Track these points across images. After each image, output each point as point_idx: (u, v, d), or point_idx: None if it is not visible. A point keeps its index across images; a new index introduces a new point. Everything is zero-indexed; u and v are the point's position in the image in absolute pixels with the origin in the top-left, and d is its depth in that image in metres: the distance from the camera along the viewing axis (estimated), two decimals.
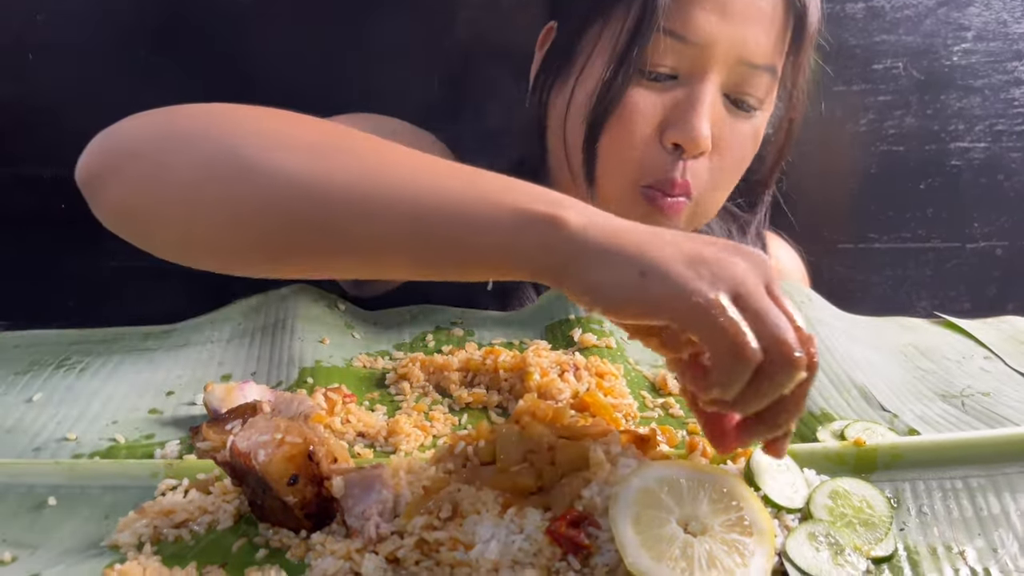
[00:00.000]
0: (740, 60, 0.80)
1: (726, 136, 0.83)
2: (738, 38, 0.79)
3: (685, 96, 0.80)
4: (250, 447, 0.52)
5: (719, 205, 0.90)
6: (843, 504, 0.54)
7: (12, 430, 0.67)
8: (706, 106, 0.79)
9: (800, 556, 0.50)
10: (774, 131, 0.93)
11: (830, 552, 0.51)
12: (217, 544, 0.52)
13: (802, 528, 0.52)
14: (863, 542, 0.52)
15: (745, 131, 0.84)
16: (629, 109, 0.81)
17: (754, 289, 0.49)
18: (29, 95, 1.03)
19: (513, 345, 0.81)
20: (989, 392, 0.72)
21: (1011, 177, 1.24)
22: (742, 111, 0.83)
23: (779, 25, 0.81)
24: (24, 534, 0.54)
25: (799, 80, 0.87)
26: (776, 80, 0.84)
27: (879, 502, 0.55)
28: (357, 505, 0.53)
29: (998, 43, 1.18)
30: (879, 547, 0.52)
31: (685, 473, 0.52)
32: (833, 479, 0.56)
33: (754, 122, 0.85)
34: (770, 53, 0.81)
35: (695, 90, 0.80)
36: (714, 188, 0.86)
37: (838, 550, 0.51)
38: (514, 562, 0.49)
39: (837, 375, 0.73)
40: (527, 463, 0.56)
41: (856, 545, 0.51)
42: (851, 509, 0.54)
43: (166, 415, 0.70)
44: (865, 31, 1.17)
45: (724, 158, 0.84)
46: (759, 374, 0.47)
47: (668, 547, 0.48)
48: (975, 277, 1.28)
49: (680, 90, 0.81)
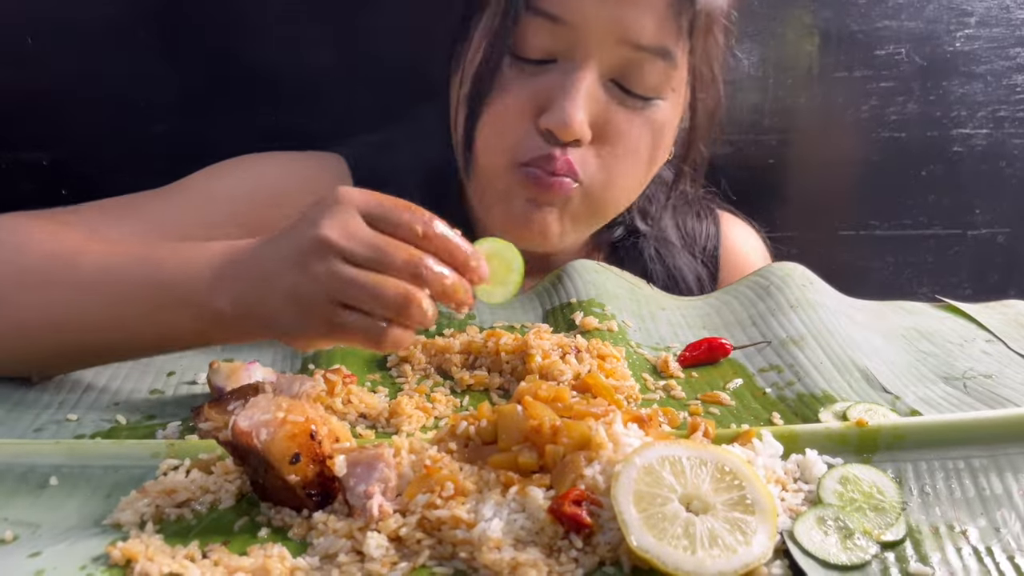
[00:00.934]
0: (621, 41, 0.76)
1: (614, 125, 0.80)
2: (615, 18, 0.75)
3: (560, 81, 0.77)
4: (252, 426, 0.52)
5: (626, 198, 0.87)
6: (853, 489, 0.54)
7: (13, 410, 0.67)
8: (580, 92, 0.76)
9: (808, 540, 0.50)
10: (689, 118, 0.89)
11: (839, 536, 0.50)
12: (219, 523, 0.52)
13: (811, 512, 0.52)
14: (873, 526, 0.51)
15: (638, 121, 0.80)
16: (502, 92, 0.79)
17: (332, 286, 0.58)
18: (29, 80, 1.03)
19: (515, 328, 0.81)
20: (991, 374, 0.72)
21: (1013, 164, 1.24)
22: (635, 99, 0.80)
23: (664, 4, 0.77)
24: (26, 513, 0.54)
25: (700, 64, 0.83)
26: (675, 66, 0.80)
27: (889, 488, 0.54)
28: (359, 484, 0.53)
29: (1001, 29, 1.18)
30: (889, 532, 0.51)
31: (687, 452, 0.52)
32: (843, 465, 0.56)
33: (652, 112, 0.81)
34: (656, 35, 0.77)
35: (570, 75, 0.77)
36: (609, 179, 0.82)
37: (847, 534, 0.51)
38: (516, 540, 0.49)
39: (839, 357, 0.73)
40: (528, 442, 0.56)
41: (866, 529, 0.51)
42: (861, 494, 0.53)
43: (167, 395, 0.70)
44: (867, 17, 1.16)
45: (615, 148, 0.80)
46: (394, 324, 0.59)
47: (671, 525, 0.48)
48: (976, 264, 1.28)
49: (556, 74, 0.78)
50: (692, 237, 1.02)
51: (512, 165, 0.81)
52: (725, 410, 0.67)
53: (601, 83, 0.78)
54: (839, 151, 1.23)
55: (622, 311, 0.83)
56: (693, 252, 1.01)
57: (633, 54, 0.77)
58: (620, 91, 0.79)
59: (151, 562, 0.47)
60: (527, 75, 0.79)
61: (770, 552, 0.48)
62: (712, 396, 0.69)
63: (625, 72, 0.78)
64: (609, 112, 0.79)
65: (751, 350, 0.77)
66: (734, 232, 1.07)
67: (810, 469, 0.56)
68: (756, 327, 0.80)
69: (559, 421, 0.56)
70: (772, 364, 0.74)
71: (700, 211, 1.04)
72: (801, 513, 0.52)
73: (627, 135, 0.80)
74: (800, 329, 0.77)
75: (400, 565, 0.48)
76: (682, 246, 1.01)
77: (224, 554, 0.49)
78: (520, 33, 0.77)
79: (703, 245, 1.02)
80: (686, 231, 1.02)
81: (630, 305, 0.85)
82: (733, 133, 1.15)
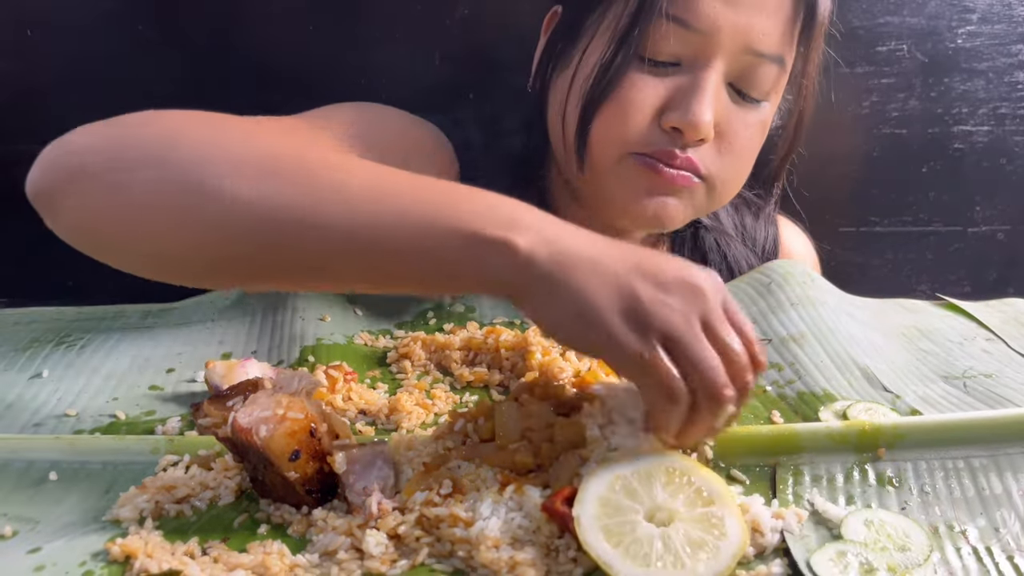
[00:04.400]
0: (746, 49, 0.78)
1: (732, 126, 0.82)
2: (743, 26, 0.77)
3: (687, 82, 0.79)
4: (252, 423, 0.52)
5: (732, 195, 0.89)
6: (878, 532, 0.52)
7: (13, 406, 0.67)
8: (709, 93, 0.78)
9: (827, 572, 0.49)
10: (783, 122, 0.91)
11: (860, 571, 0.49)
12: (218, 519, 0.52)
13: (830, 546, 0.51)
14: (898, 564, 0.49)
15: (751, 122, 0.83)
16: (626, 91, 0.79)
17: (686, 331, 0.52)
18: (28, 72, 1.03)
19: (515, 324, 0.80)
20: (991, 373, 0.72)
21: (1014, 161, 1.24)
22: (748, 102, 0.82)
23: (787, 14, 0.79)
24: (25, 508, 0.54)
25: (809, 71, 0.86)
26: (785, 72, 0.83)
27: (918, 534, 0.52)
28: (358, 481, 0.53)
29: (1003, 26, 1.18)
30: (917, 571, 0.49)
31: (630, 468, 0.51)
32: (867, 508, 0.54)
33: (761, 113, 0.84)
34: (778, 43, 0.80)
35: (698, 77, 0.78)
36: (726, 176, 0.84)
37: (868, 569, 0.49)
38: (513, 539, 0.49)
39: (839, 356, 0.73)
40: (525, 440, 0.56)
41: (891, 565, 0.49)
42: (887, 537, 0.52)
43: (167, 392, 0.70)
44: (869, 12, 1.16)
45: (732, 147, 0.83)
46: (692, 409, 0.53)
47: (650, 548, 0.47)
48: (976, 261, 1.28)
49: (682, 77, 0.79)
50: (752, 236, 1.04)
51: (626, 154, 0.81)
52: None
53: (724, 86, 0.81)
54: (840, 147, 1.23)
55: None
56: (754, 251, 1.04)
57: (754, 60, 0.80)
58: (736, 93, 0.82)
59: (150, 558, 0.47)
60: (653, 75, 0.80)
61: (746, 533, 0.49)
62: None
63: (743, 76, 0.81)
64: (727, 113, 0.81)
65: None
66: (791, 236, 1.09)
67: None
68: (757, 324, 0.80)
69: (555, 419, 0.56)
70: (772, 362, 0.74)
71: (758, 212, 1.06)
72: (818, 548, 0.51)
73: (743, 135, 0.83)
74: (801, 327, 0.77)
75: (399, 563, 0.48)
76: (740, 241, 1.03)
77: (223, 551, 0.49)
78: (650, 38, 0.78)
79: (762, 245, 1.04)
80: (745, 228, 1.05)
81: None
82: None
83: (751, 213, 1.05)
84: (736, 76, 0.81)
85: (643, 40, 0.78)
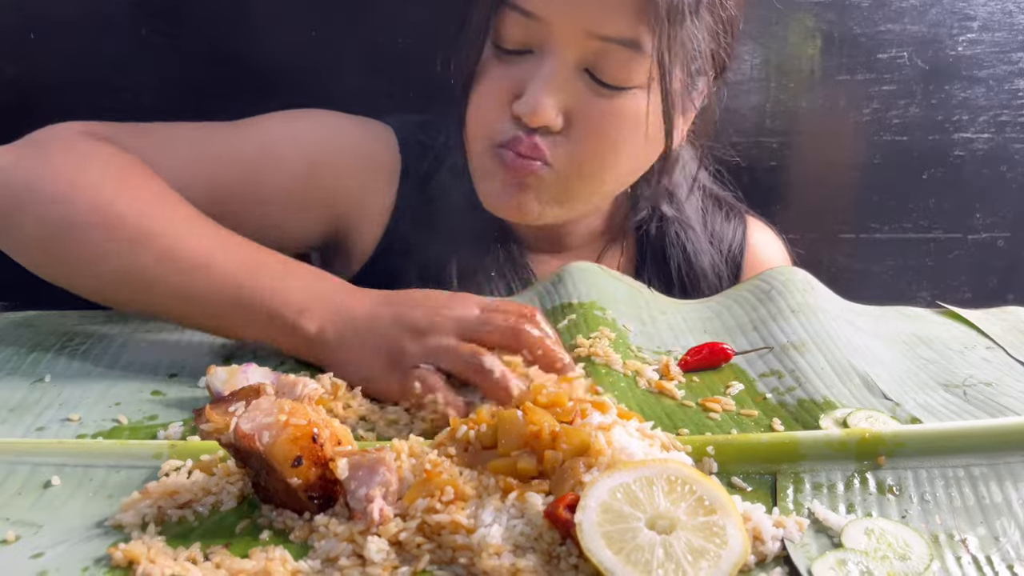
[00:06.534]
0: (589, 34, 0.80)
1: (586, 113, 0.83)
2: (580, 12, 0.79)
3: (532, 70, 0.82)
4: (254, 428, 0.52)
5: (601, 181, 0.89)
6: (879, 540, 0.52)
7: (15, 410, 0.67)
8: (547, 80, 0.80)
9: None
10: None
11: None
12: (221, 525, 0.53)
13: (831, 555, 0.51)
14: (899, 572, 0.50)
15: (610, 110, 0.83)
16: (482, 80, 0.85)
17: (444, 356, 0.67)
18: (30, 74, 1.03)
19: None
20: (991, 382, 0.72)
21: (1014, 168, 1.24)
22: (608, 89, 0.82)
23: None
24: (28, 513, 0.54)
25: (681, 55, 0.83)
26: (645, 56, 0.81)
27: (918, 542, 0.52)
28: (360, 488, 0.53)
29: (1003, 33, 1.18)
30: None
31: (632, 476, 0.52)
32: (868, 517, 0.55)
33: (624, 101, 0.83)
34: (625, 26, 0.79)
35: (541, 65, 0.81)
36: (579, 167, 0.85)
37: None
38: (515, 546, 0.49)
39: (840, 363, 0.73)
40: (528, 448, 0.56)
41: (891, 574, 0.49)
42: (887, 545, 0.52)
43: (169, 396, 0.70)
44: (870, 20, 1.16)
45: (587, 135, 0.83)
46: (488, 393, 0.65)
47: (651, 557, 0.47)
48: (976, 268, 1.28)
49: (529, 64, 0.82)
50: (719, 237, 1.06)
51: (490, 146, 0.86)
52: (725, 415, 0.67)
53: (575, 73, 0.82)
54: (840, 154, 1.23)
55: (623, 314, 0.83)
56: (720, 250, 1.05)
57: (601, 45, 0.81)
58: (593, 81, 0.83)
59: (153, 564, 0.47)
60: (505, 64, 0.84)
61: (748, 542, 0.48)
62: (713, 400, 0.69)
63: (595, 62, 0.82)
64: (580, 100, 0.83)
65: (751, 355, 0.77)
66: (759, 237, 1.09)
67: None
68: (757, 332, 0.80)
69: (559, 427, 0.56)
70: (773, 369, 0.74)
71: (729, 212, 1.07)
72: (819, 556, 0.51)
73: (600, 122, 0.84)
74: (801, 334, 0.77)
75: (401, 569, 0.48)
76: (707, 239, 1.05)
77: (226, 556, 0.49)
78: (500, 26, 0.83)
79: (728, 245, 1.06)
80: (713, 229, 1.06)
81: (631, 309, 0.85)
82: (734, 136, 1.15)
83: (722, 212, 1.07)
84: (590, 63, 0.82)
85: (493, 30, 0.83)
